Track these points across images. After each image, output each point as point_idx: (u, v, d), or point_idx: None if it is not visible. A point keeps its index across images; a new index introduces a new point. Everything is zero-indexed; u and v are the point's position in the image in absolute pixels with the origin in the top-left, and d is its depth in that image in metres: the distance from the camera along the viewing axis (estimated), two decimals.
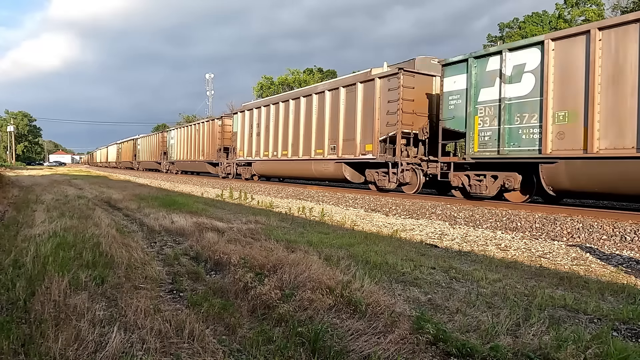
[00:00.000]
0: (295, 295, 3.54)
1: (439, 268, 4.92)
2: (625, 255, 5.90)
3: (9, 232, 6.55)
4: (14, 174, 33.55)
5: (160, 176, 31.22)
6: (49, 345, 2.63)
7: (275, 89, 59.66)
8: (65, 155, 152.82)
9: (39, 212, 8.95)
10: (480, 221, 8.60)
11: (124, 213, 9.82)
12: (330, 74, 61.13)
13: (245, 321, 3.26)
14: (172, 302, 3.67)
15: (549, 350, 2.64)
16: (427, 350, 2.73)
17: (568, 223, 7.57)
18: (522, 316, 3.26)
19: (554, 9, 42.06)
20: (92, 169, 58.27)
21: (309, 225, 8.07)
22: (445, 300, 3.74)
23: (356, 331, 2.96)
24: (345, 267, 4.49)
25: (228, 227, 7.13)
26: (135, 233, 7.05)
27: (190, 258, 5.35)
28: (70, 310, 3.17)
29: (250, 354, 2.72)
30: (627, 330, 3.22)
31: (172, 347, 2.74)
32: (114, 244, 5.33)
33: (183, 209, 9.82)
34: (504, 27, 45.80)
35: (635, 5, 34.21)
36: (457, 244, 6.66)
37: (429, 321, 2.95)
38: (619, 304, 3.76)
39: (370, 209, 11.19)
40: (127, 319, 3.10)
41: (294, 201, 13.23)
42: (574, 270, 5.02)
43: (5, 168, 45.77)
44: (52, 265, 4.20)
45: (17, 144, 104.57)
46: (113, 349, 2.61)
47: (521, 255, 5.90)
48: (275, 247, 5.35)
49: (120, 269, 4.42)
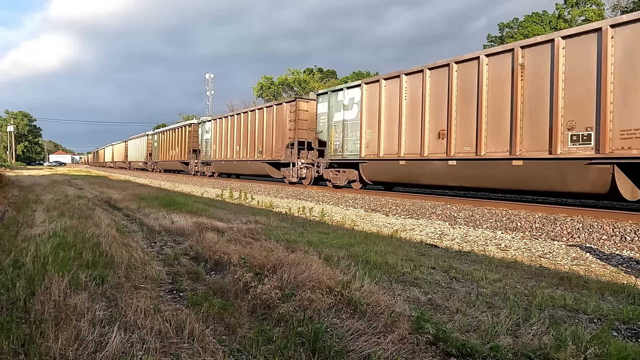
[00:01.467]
0: (295, 295, 3.54)
1: (439, 268, 4.92)
2: (625, 255, 5.91)
3: (9, 232, 6.55)
4: (14, 174, 33.56)
5: (159, 176, 31.26)
6: (49, 345, 2.63)
7: (275, 89, 59.64)
8: (65, 155, 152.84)
9: (39, 212, 8.95)
10: (480, 221, 8.60)
11: (124, 213, 9.82)
12: (330, 74, 61.15)
13: (245, 321, 3.26)
14: (172, 302, 3.67)
15: (549, 350, 2.65)
16: (427, 350, 2.73)
17: (568, 223, 7.57)
18: (522, 316, 3.26)
19: (554, 8, 42.04)
20: (92, 169, 58.27)
21: (309, 225, 8.07)
22: (445, 300, 3.74)
23: (356, 331, 2.96)
24: (345, 267, 4.49)
25: (228, 227, 7.13)
26: (135, 233, 7.05)
27: (190, 258, 5.35)
28: (70, 310, 3.17)
29: (250, 354, 2.72)
30: (627, 330, 3.22)
31: (172, 347, 2.74)
32: (114, 244, 5.33)
33: (183, 209, 9.82)
34: (504, 27, 45.80)
35: (635, 5, 34.20)
36: (457, 244, 6.66)
37: (429, 321, 2.95)
38: (619, 304, 3.76)
39: (370, 209, 11.19)
40: (127, 319, 3.10)
41: (294, 201, 13.24)
42: (574, 270, 5.03)
43: (5, 168, 45.77)
44: (52, 265, 4.20)
45: (17, 144, 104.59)
46: (113, 349, 2.61)
47: (521, 255, 5.90)
48: (275, 247, 5.35)
49: (120, 269, 4.42)
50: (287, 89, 58.24)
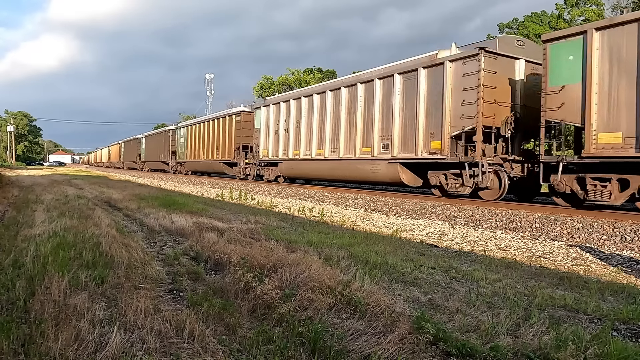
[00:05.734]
0: (295, 295, 3.54)
1: (439, 268, 4.92)
2: (625, 255, 5.91)
3: (9, 232, 6.55)
4: (14, 174, 33.54)
5: (159, 176, 31.27)
6: (49, 345, 2.63)
7: (276, 88, 59.63)
8: (65, 155, 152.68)
9: (39, 212, 8.95)
10: (480, 221, 8.60)
11: (124, 213, 9.82)
12: (330, 73, 61.13)
13: (245, 321, 3.25)
14: (172, 302, 3.67)
15: (549, 350, 2.64)
16: (427, 350, 2.73)
17: (568, 223, 7.57)
18: (522, 316, 3.26)
19: (554, 8, 42.03)
20: (92, 169, 58.26)
21: (309, 225, 8.07)
22: (445, 300, 3.74)
23: (356, 331, 2.96)
24: (345, 267, 4.49)
25: (228, 227, 7.12)
26: (135, 233, 7.05)
27: (190, 258, 5.34)
28: (70, 310, 3.17)
29: (250, 354, 2.72)
30: (627, 330, 3.22)
31: (172, 347, 2.74)
32: (114, 244, 5.33)
33: (183, 209, 9.82)
34: (504, 27, 45.74)
35: (635, 5, 34.20)
36: (457, 244, 6.66)
37: (429, 321, 2.95)
38: (619, 304, 3.76)
39: (370, 209, 11.19)
40: (127, 319, 3.10)
41: (294, 201, 13.23)
42: (574, 270, 5.03)
43: (5, 168, 45.75)
44: (52, 265, 4.20)
45: (17, 144, 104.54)
46: (113, 349, 2.61)
47: (521, 255, 5.90)
48: (275, 247, 5.35)
49: (120, 269, 4.42)
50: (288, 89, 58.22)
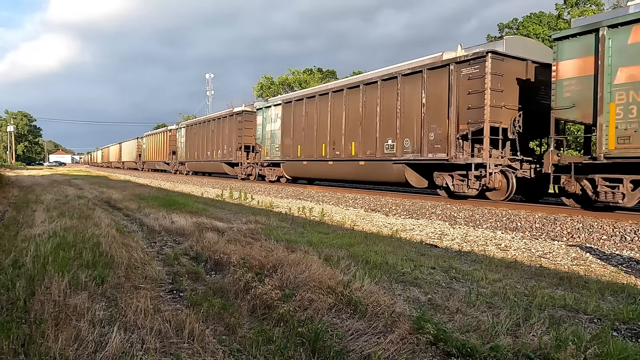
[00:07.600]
0: (295, 295, 3.54)
1: (439, 268, 4.92)
2: (625, 255, 5.90)
3: (9, 232, 6.55)
4: (14, 174, 33.53)
5: (159, 176, 31.27)
6: (49, 345, 2.63)
7: (276, 88, 59.62)
8: (65, 155, 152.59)
9: (39, 212, 8.95)
10: (480, 221, 8.60)
11: (124, 213, 9.82)
12: (330, 73, 61.12)
13: (245, 321, 3.25)
14: (172, 302, 3.67)
15: (549, 350, 2.64)
16: (427, 350, 2.73)
17: (568, 223, 7.57)
18: (522, 316, 3.26)
19: (554, 8, 42.04)
20: (92, 169, 58.25)
21: (309, 225, 8.07)
22: (445, 300, 3.74)
23: (356, 331, 2.96)
24: (345, 267, 4.49)
25: (228, 227, 7.12)
26: (135, 233, 7.05)
27: (190, 258, 5.34)
28: (70, 310, 3.17)
29: (250, 354, 2.72)
30: (627, 330, 3.22)
31: (172, 347, 2.74)
32: (114, 244, 5.33)
33: (183, 209, 9.82)
34: (504, 27, 45.72)
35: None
36: (457, 244, 6.66)
37: (429, 321, 2.95)
38: (619, 304, 3.76)
39: (370, 209, 11.19)
40: (127, 319, 3.10)
41: (293, 201, 13.23)
42: (574, 270, 5.03)
43: (5, 168, 45.74)
44: (52, 265, 4.20)
45: (17, 144, 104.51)
46: (113, 349, 2.61)
47: (521, 255, 5.90)
48: (275, 247, 5.35)
49: (120, 269, 4.42)
50: (288, 89, 58.22)
